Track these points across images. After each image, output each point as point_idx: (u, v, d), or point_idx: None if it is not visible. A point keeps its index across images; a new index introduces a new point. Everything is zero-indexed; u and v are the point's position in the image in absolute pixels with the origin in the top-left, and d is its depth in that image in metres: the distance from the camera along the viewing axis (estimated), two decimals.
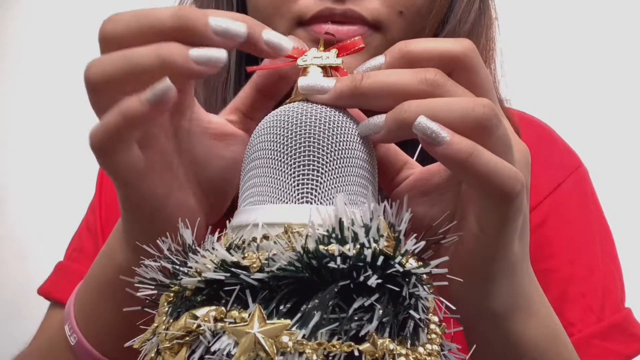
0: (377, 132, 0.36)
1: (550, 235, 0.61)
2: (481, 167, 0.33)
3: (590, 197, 0.65)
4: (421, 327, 0.32)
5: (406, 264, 0.31)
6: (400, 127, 0.35)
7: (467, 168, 0.33)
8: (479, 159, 0.33)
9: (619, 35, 1.35)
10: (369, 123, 0.37)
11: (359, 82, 0.36)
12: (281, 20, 0.51)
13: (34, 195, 1.51)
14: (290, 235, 0.33)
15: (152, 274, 0.34)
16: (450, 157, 0.33)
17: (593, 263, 0.62)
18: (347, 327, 0.29)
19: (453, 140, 0.33)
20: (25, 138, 1.54)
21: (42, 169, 1.51)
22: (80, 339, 0.45)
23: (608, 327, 0.59)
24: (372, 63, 0.38)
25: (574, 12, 1.35)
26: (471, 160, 0.33)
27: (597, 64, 1.34)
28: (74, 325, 0.45)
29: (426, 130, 0.33)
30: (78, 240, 0.69)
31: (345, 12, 0.49)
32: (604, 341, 0.57)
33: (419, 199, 0.40)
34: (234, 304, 0.31)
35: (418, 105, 0.34)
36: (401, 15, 0.51)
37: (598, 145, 1.19)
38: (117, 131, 0.35)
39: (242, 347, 0.29)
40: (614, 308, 0.61)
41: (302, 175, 0.35)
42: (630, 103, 1.34)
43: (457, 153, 0.33)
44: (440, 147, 0.33)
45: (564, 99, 1.30)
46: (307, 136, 0.36)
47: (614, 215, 0.68)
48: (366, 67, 0.38)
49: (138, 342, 0.35)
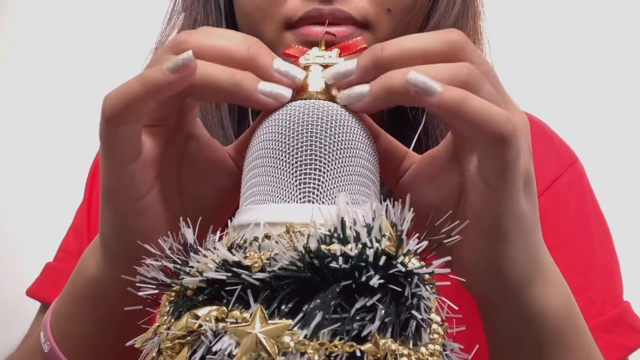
0: (360, 100, 0.37)
1: (549, 230, 0.61)
2: (475, 111, 0.34)
3: (586, 192, 0.66)
4: (423, 327, 0.32)
5: (408, 263, 0.31)
6: (387, 92, 0.36)
7: (461, 114, 0.34)
8: (471, 104, 0.34)
9: (609, 29, 1.35)
10: (352, 92, 0.37)
11: (380, 53, 0.37)
12: (270, 24, 0.51)
13: (33, 196, 1.51)
14: (292, 234, 0.33)
15: (153, 274, 0.34)
16: (444, 105, 0.34)
17: (592, 257, 0.62)
18: (349, 327, 0.29)
19: (445, 88, 0.34)
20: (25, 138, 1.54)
21: (42, 170, 1.51)
22: (53, 346, 0.45)
23: (610, 320, 0.59)
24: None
25: (564, 4, 1.35)
26: (465, 106, 0.34)
27: (589, 57, 1.34)
28: (48, 332, 0.46)
29: (418, 82, 0.34)
30: (65, 242, 0.69)
31: (333, 12, 0.50)
32: (607, 334, 0.57)
33: (425, 185, 0.41)
34: (236, 304, 0.31)
35: (404, 70, 0.36)
36: (389, 12, 0.51)
37: (592, 140, 1.19)
38: (134, 97, 0.35)
39: (243, 347, 0.29)
40: (615, 301, 0.61)
41: (304, 174, 0.35)
42: (623, 97, 1.34)
43: (450, 100, 0.34)
44: (434, 97, 0.34)
45: (555, 93, 1.30)
46: (309, 135, 0.36)
47: (609, 211, 0.68)
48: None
49: (139, 342, 0.35)
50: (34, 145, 1.54)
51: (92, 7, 1.51)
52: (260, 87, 0.37)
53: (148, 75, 0.35)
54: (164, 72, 0.34)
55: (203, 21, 0.58)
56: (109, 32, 1.46)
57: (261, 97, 0.37)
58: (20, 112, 1.56)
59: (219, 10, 0.58)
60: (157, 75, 0.34)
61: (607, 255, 0.64)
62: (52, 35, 1.54)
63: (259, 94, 0.37)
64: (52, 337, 0.45)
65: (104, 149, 0.37)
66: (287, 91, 0.38)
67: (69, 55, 1.50)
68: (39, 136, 1.53)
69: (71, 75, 1.46)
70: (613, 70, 1.34)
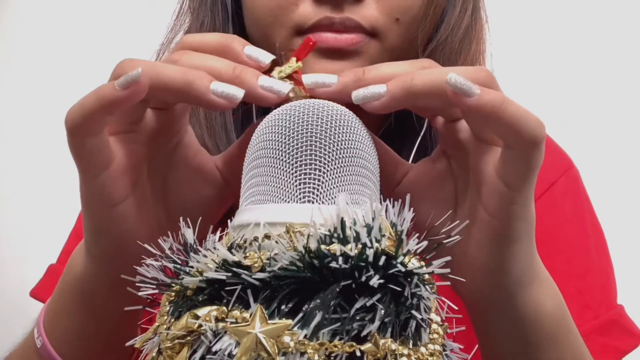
0: (376, 100, 0.38)
1: (545, 235, 0.62)
2: (512, 114, 0.35)
3: (582, 197, 0.67)
4: (423, 327, 0.32)
5: (408, 263, 0.31)
6: (406, 93, 0.37)
7: (499, 117, 0.35)
8: (509, 107, 0.35)
9: (608, 35, 1.35)
10: (367, 91, 0.38)
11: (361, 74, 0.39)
12: (280, 30, 0.52)
13: (33, 196, 1.51)
14: (292, 234, 0.33)
15: (153, 274, 0.34)
16: (483, 107, 0.35)
17: (588, 261, 0.63)
18: (348, 327, 0.29)
19: (484, 91, 0.35)
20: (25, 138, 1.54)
21: (41, 170, 1.50)
22: (44, 341, 0.46)
23: (605, 323, 0.60)
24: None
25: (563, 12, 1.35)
26: (503, 108, 0.35)
27: (587, 64, 1.34)
28: (41, 328, 0.47)
29: (458, 83, 0.35)
30: (68, 245, 0.70)
31: (344, 21, 0.50)
32: (602, 337, 0.58)
33: (422, 193, 0.42)
34: (236, 304, 0.31)
35: (429, 72, 0.37)
36: (397, 22, 0.52)
37: (588, 146, 1.19)
38: (90, 111, 0.36)
39: (243, 347, 0.29)
40: (609, 305, 0.62)
41: (304, 174, 0.35)
42: (620, 103, 1.34)
43: (489, 102, 0.35)
44: (473, 99, 0.35)
45: (553, 101, 1.30)
46: (308, 135, 0.36)
47: (605, 215, 0.68)
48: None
49: (139, 342, 0.35)
50: (34, 146, 1.54)
51: (93, 7, 1.51)
52: (212, 87, 0.38)
53: (101, 90, 0.36)
54: (115, 88, 0.36)
55: (210, 24, 0.58)
56: (109, 32, 1.46)
57: (212, 97, 0.37)
58: (20, 113, 1.56)
59: (225, 14, 0.59)
60: (109, 91, 0.36)
61: (602, 259, 0.64)
62: (52, 35, 1.54)
63: (211, 94, 0.37)
64: (44, 332, 0.47)
65: (74, 160, 0.39)
66: (239, 91, 0.38)
67: (69, 56, 1.50)
68: (39, 136, 1.53)
69: (71, 76, 1.46)
70: (610, 74, 1.34)
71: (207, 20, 0.58)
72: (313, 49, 0.43)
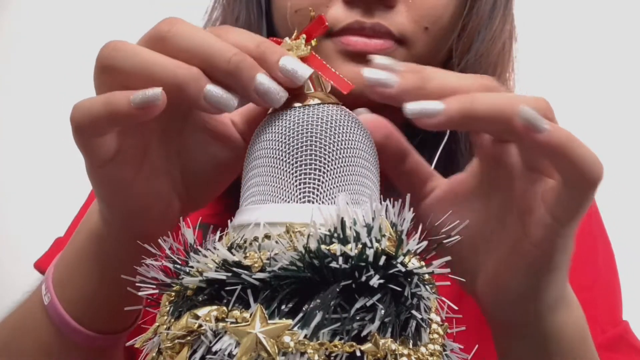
0: (431, 118, 0.35)
1: None
2: (579, 155, 0.34)
3: (592, 211, 0.66)
4: (423, 327, 0.32)
5: (408, 263, 0.31)
6: (464, 117, 0.35)
7: (566, 154, 0.34)
8: (576, 145, 0.34)
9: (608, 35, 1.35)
10: (423, 107, 0.35)
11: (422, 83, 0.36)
12: None
13: (33, 196, 1.51)
14: (292, 234, 0.33)
15: (153, 273, 0.34)
16: (551, 143, 0.34)
17: (595, 275, 0.62)
18: (349, 327, 0.29)
19: (553, 127, 0.34)
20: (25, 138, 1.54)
21: (41, 170, 1.51)
22: (52, 298, 0.45)
23: (612, 339, 0.59)
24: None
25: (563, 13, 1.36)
26: (570, 146, 0.34)
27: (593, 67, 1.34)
28: (50, 285, 0.46)
29: (531, 118, 0.34)
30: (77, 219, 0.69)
31: (374, 26, 0.51)
32: (609, 352, 0.57)
33: (448, 209, 0.41)
34: (236, 304, 0.31)
35: (491, 98, 0.35)
36: (426, 31, 0.53)
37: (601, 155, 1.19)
38: (97, 118, 0.35)
39: (243, 347, 0.29)
40: (615, 320, 0.61)
41: (304, 174, 0.35)
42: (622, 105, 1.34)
43: (558, 140, 0.34)
44: (543, 135, 0.34)
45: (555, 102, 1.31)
46: (309, 135, 0.36)
47: (605, 215, 0.68)
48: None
49: (139, 342, 0.35)
50: (34, 146, 1.54)
51: (93, 7, 1.51)
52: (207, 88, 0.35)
53: (114, 100, 0.34)
54: (130, 105, 0.34)
55: (245, 19, 0.59)
56: (109, 32, 1.46)
57: (203, 102, 0.35)
58: (20, 112, 1.56)
59: (260, 9, 0.59)
60: (122, 104, 0.34)
61: (610, 273, 0.64)
62: (52, 35, 1.54)
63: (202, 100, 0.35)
64: (53, 289, 0.46)
65: (79, 150, 0.38)
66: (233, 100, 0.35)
67: (69, 55, 1.50)
68: (39, 136, 1.53)
69: (72, 76, 1.46)
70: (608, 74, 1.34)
71: (242, 15, 0.59)
72: (324, 33, 0.40)
